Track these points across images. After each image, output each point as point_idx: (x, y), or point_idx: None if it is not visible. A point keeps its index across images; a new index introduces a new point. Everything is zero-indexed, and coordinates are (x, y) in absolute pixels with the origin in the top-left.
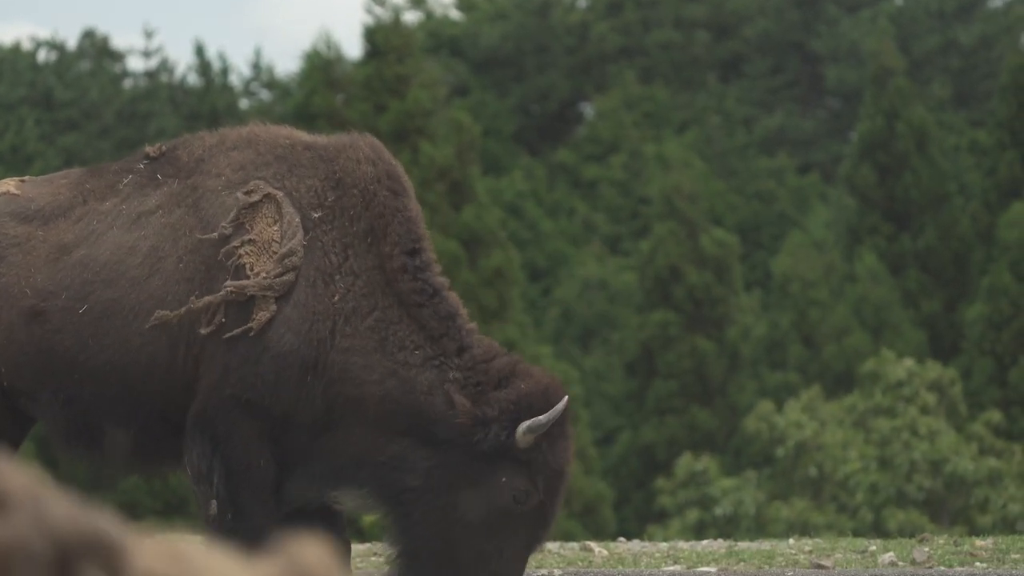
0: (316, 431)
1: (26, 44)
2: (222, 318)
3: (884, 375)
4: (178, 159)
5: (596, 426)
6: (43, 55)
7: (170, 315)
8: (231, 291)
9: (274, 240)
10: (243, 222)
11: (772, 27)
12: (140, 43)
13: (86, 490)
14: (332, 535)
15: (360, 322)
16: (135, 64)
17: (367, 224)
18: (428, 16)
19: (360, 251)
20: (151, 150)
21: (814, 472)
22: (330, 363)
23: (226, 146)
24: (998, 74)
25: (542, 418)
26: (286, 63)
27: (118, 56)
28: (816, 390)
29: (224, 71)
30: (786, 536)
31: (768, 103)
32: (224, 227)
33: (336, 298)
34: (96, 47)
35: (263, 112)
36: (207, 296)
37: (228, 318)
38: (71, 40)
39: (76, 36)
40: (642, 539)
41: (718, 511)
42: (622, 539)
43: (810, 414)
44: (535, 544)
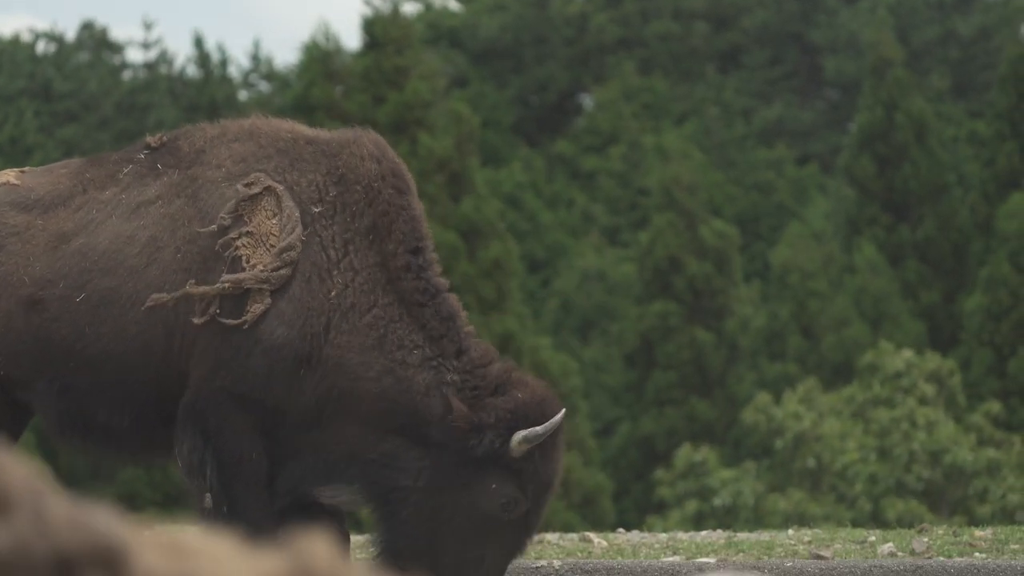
0: (309, 425)
1: (25, 36)
2: (216, 309)
3: (883, 366)
4: (179, 149)
5: (595, 417)
6: (42, 47)
7: (166, 297)
8: (228, 286)
9: (272, 233)
10: (242, 214)
11: (771, 18)
12: (139, 35)
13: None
14: (332, 527)
15: (358, 318)
16: (134, 56)
17: (370, 221)
18: (427, 7)
19: (361, 247)
20: (152, 140)
21: (812, 463)
22: (324, 358)
23: (227, 138)
24: (997, 65)
25: (538, 429)
26: (285, 55)
27: (117, 48)
28: (813, 381)
29: (223, 63)
30: (785, 527)
31: (767, 94)
32: (223, 218)
33: (333, 293)
34: (95, 39)
35: (262, 104)
36: (203, 286)
37: (222, 310)
38: (70, 32)
39: (75, 28)
40: (641, 530)
41: (717, 502)
42: (621, 530)
43: (807, 405)
44: (516, 552)
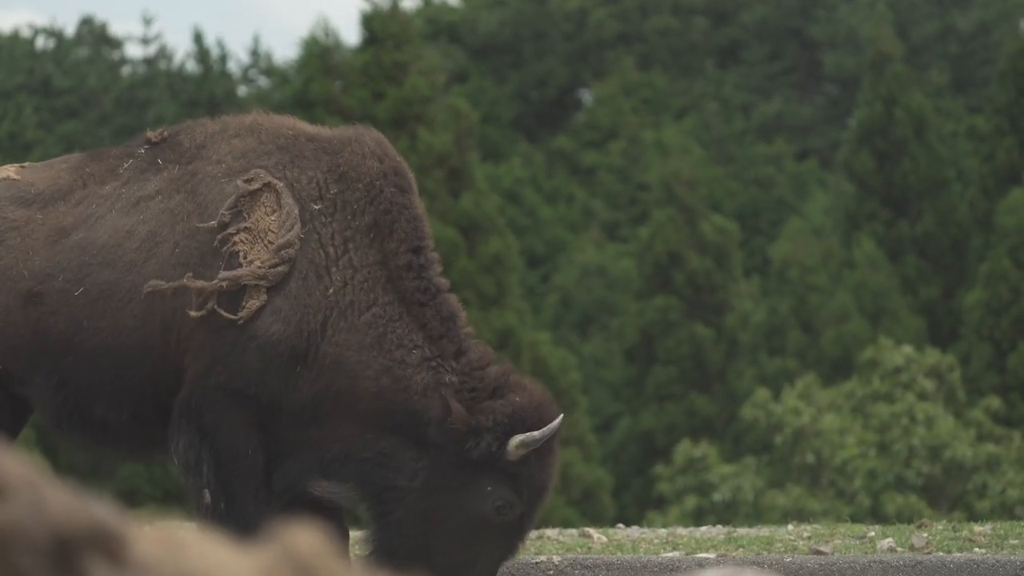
0: (305, 422)
1: (24, 31)
2: (213, 304)
3: (882, 361)
4: (179, 145)
5: (595, 413)
6: (41, 42)
7: (164, 285)
8: (225, 284)
9: (271, 230)
10: (241, 210)
11: (770, 13)
12: (138, 30)
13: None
14: (331, 522)
15: (357, 316)
16: (133, 51)
17: (371, 219)
18: (426, 3)
19: (362, 246)
20: (152, 135)
21: (812, 459)
22: (321, 355)
23: (228, 133)
24: (996, 60)
25: (536, 434)
26: (284, 50)
27: (116, 43)
28: (811, 377)
29: (222, 58)
30: (784, 522)
31: (766, 89)
32: (223, 215)
33: (331, 291)
34: (94, 34)
35: (261, 99)
36: (201, 281)
37: (219, 305)
38: (69, 27)
39: (74, 23)
40: (641, 525)
41: (717, 497)
42: (621, 525)
43: (806, 400)
44: (508, 555)
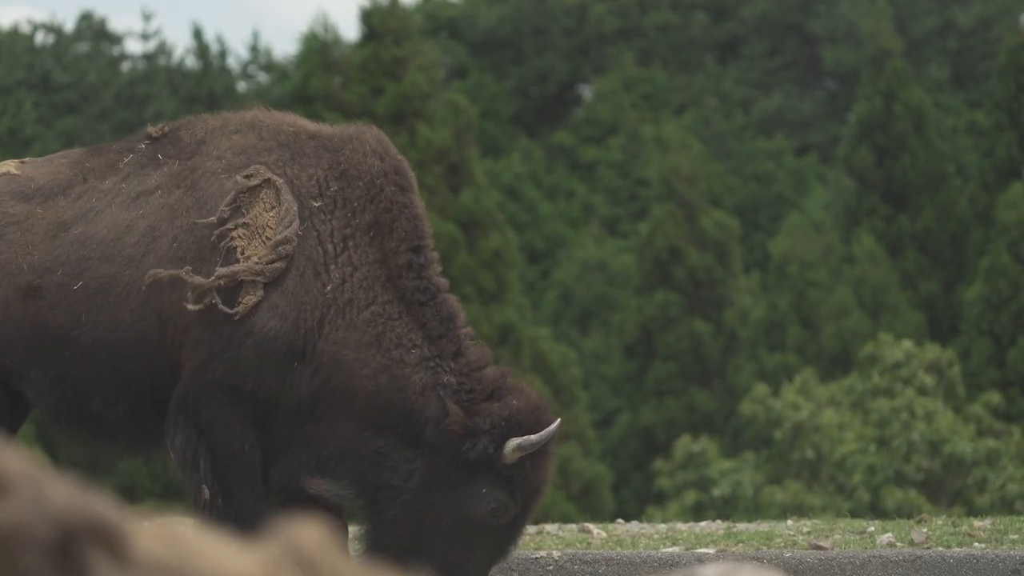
0: (302, 419)
1: (24, 27)
2: (210, 300)
3: (882, 356)
4: (180, 140)
5: (595, 408)
6: (40, 38)
7: (163, 273)
8: (223, 281)
9: (269, 226)
10: (240, 205)
11: (770, 8)
12: (138, 26)
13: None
14: (330, 517)
15: (356, 314)
16: (133, 47)
17: (371, 217)
18: None
19: (361, 243)
20: (153, 130)
21: (811, 454)
22: (318, 352)
23: (229, 129)
24: (996, 55)
25: (534, 438)
26: (284, 46)
27: (116, 39)
28: (810, 372)
29: (222, 54)
30: (784, 517)
31: (766, 84)
32: (222, 210)
33: (328, 288)
34: (94, 30)
35: (260, 95)
36: (198, 276)
37: (216, 300)
38: (69, 23)
39: (74, 19)
40: (641, 521)
41: (716, 493)
42: (620, 521)
43: (805, 396)
44: (500, 556)
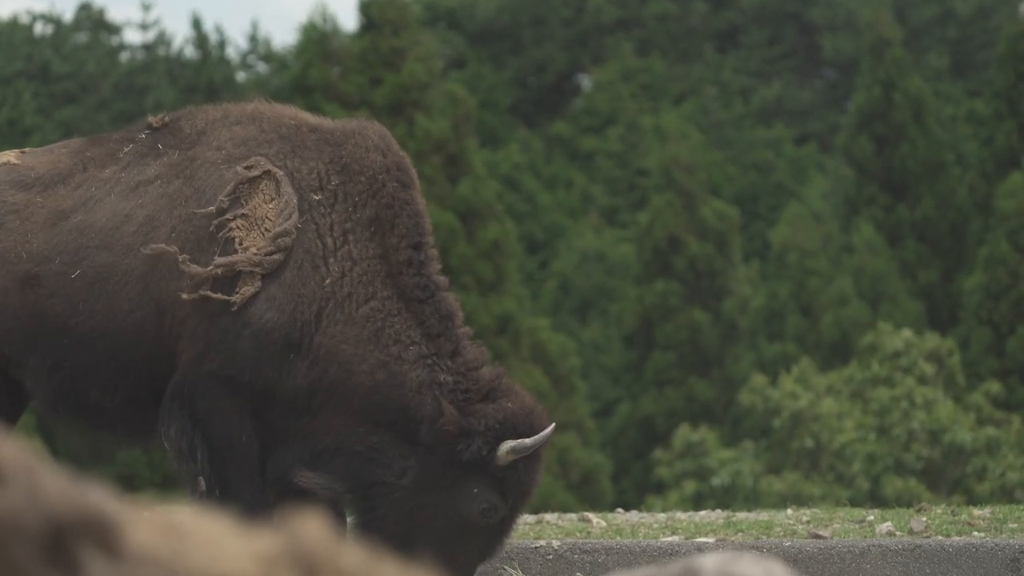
0: (298, 412)
1: (23, 17)
2: (207, 290)
3: (882, 345)
4: (180, 130)
5: (594, 397)
6: (39, 28)
7: (167, 249)
8: (220, 270)
9: (268, 218)
10: (239, 196)
11: None
12: (137, 16)
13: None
14: (328, 509)
15: (355, 309)
16: (132, 37)
17: (372, 212)
18: None
19: (362, 238)
20: (154, 120)
21: (811, 443)
22: (315, 345)
23: (229, 120)
24: (995, 44)
25: (528, 442)
26: (283, 36)
27: (115, 29)
28: (808, 362)
29: (221, 44)
30: (783, 506)
31: (765, 74)
32: (222, 200)
33: (327, 281)
34: (92, 20)
35: (260, 85)
36: (196, 266)
37: (213, 290)
38: (67, 13)
39: (72, 9)
40: (640, 510)
41: (716, 482)
42: (620, 510)
43: (804, 385)
44: (488, 556)
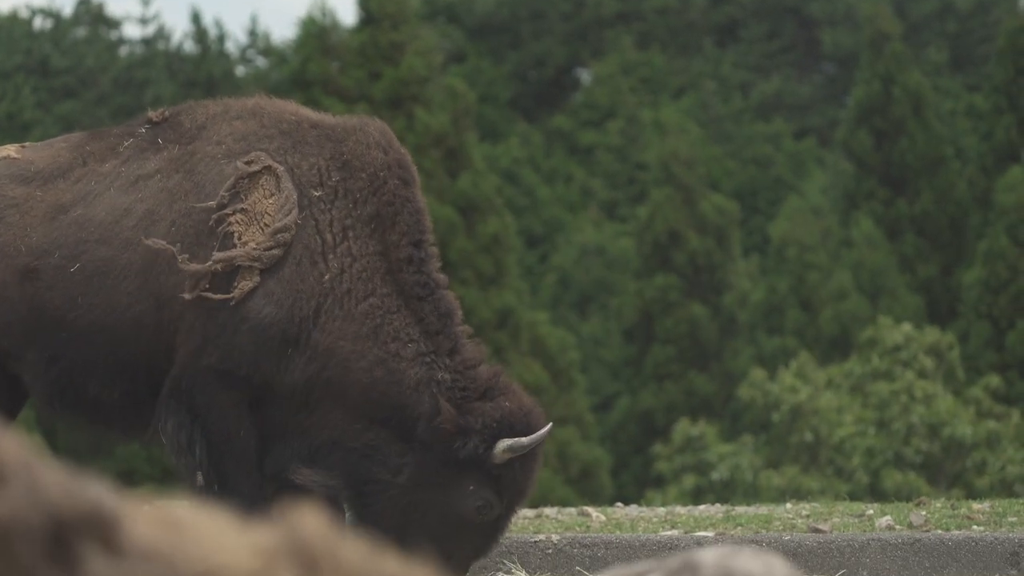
0: (296, 408)
1: (22, 12)
2: (206, 284)
3: (882, 339)
4: (180, 125)
5: (593, 392)
6: (39, 22)
7: (164, 245)
8: (220, 266)
9: (267, 213)
10: (239, 191)
11: None
12: (136, 10)
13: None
14: (327, 503)
15: (354, 305)
16: (131, 31)
17: (373, 209)
18: None
19: (362, 235)
20: (154, 115)
21: (810, 437)
22: (313, 341)
23: (230, 115)
24: (995, 38)
25: (524, 441)
26: (282, 30)
27: (114, 23)
28: (807, 356)
29: (220, 38)
30: (783, 500)
31: (764, 68)
32: (222, 195)
33: (326, 277)
34: (92, 14)
35: (259, 79)
36: (195, 263)
37: (211, 285)
38: (67, 7)
39: (72, 3)
40: (640, 504)
41: (715, 476)
42: (620, 504)
43: (803, 379)
44: (482, 553)
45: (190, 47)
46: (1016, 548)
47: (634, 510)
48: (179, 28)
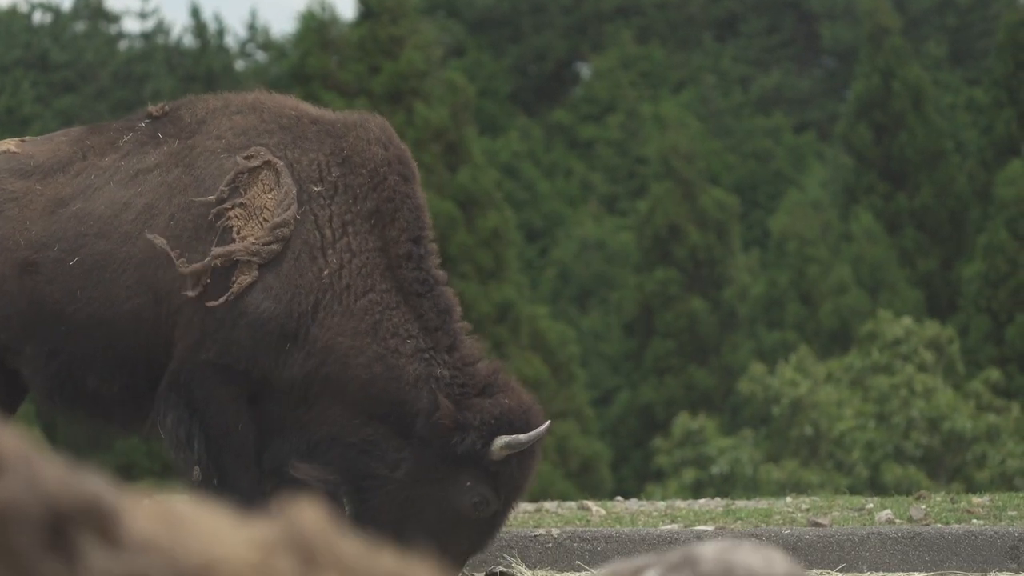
0: (294, 403)
1: (22, 6)
2: (208, 279)
3: (882, 333)
4: (180, 119)
5: (593, 386)
6: (38, 17)
7: (164, 245)
8: (219, 261)
9: (267, 208)
10: (239, 186)
11: None
12: (136, 4)
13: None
14: (326, 497)
15: (353, 301)
16: (131, 26)
17: (373, 205)
18: None
19: (362, 231)
20: (154, 109)
21: (810, 431)
22: (312, 337)
23: (230, 110)
24: (994, 32)
25: (523, 438)
26: (281, 24)
27: (113, 18)
28: (806, 350)
29: (220, 33)
30: (782, 494)
31: (764, 62)
32: (222, 190)
33: (325, 272)
34: (91, 9)
35: (258, 73)
36: (195, 264)
37: (211, 280)
38: (66, 2)
39: None
40: (640, 498)
41: (715, 470)
42: (619, 498)
43: (803, 373)
44: (478, 549)
45: (189, 41)
46: (1016, 542)
47: (634, 504)
48: (178, 22)
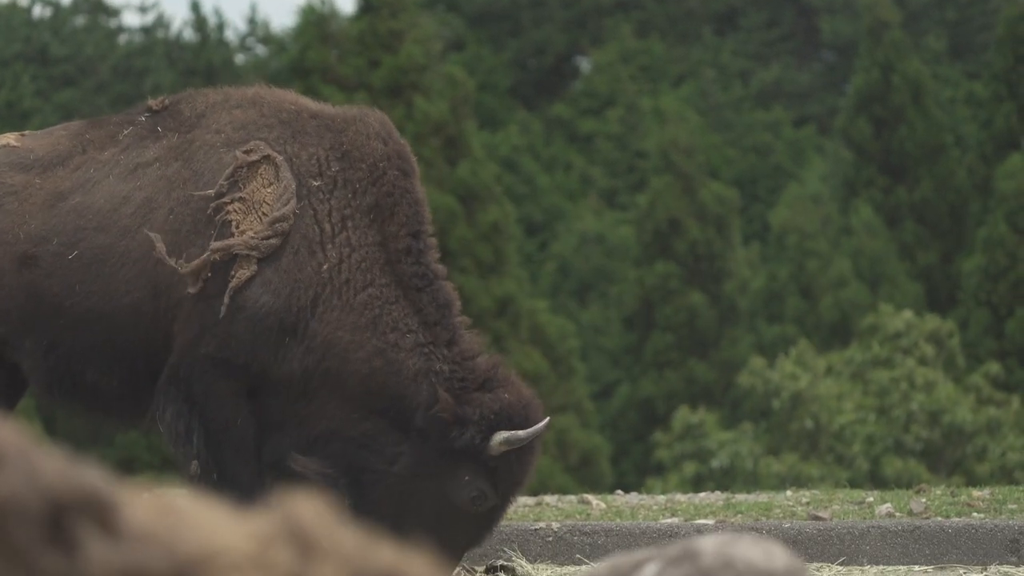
0: (295, 396)
1: (22, 1)
2: (208, 274)
3: (882, 327)
4: (180, 113)
5: (593, 379)
6: (38, 11)
7: (163, 247)
8: (218, 256)
9: (266, 202)
10: (238, 180)
11: None
12: None
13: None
14: (326, 490)
15: (352, 296)
16: (131, 19)
17: (373, 200)
18: None
19: (361, 225)
20: (154, 103)
21: (810, 424)
22: (311, 331)
23: (230, 104)
24: (994, 26)
25: (522, 433)
26: (281, 18)
27: (113, 12)
28: (806, 344)
29: (220, 26)
30: (783, 488)
31: (764, 56)
32: (221, 184)
33: (324, 267)
34: (91, 2)
35: (258, 67)
36: (194, 260)
37: (210, 274)
38: None
39: None
40: (640, 492)
41: (715, 464)
42: (620, 492)
43: (803, 367)
44: (475, 543)
45: (189, 35)
46: (1016, 535)
47: (634, 498)
48: (178, 16)
